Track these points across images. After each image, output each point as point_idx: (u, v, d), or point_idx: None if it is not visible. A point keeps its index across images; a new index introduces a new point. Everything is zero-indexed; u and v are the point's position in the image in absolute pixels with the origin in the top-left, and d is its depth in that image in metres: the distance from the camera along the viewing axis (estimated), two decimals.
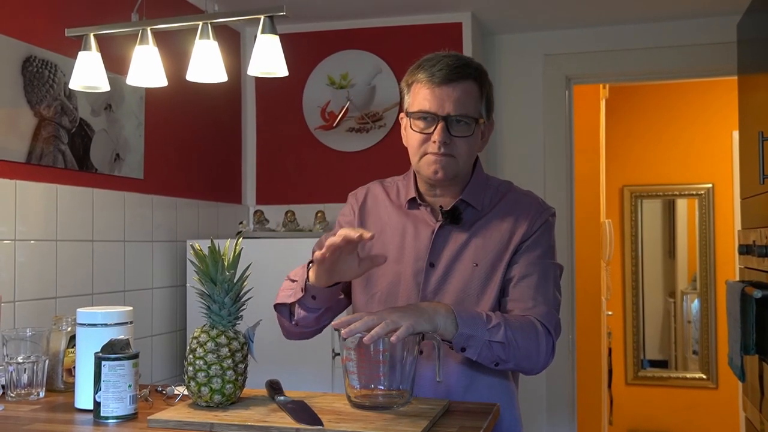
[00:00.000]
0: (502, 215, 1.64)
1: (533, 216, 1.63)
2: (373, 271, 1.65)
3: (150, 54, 1.97)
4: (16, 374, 1.68)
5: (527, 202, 1.67)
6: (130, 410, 1.45)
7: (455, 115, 1.56)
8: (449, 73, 1.56)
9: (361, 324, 1.36)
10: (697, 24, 3.42)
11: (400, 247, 1.65)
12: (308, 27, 3.45)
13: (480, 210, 1.64)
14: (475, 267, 1.60)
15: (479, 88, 1.60)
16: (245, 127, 3.52)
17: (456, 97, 1.56)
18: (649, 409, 5.27)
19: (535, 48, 3.61)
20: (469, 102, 1.58)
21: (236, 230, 3.29)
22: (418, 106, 1.58)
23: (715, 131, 5.15)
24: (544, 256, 1.62)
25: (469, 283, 1.59)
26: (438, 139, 1.55)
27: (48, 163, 2.26)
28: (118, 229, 2.59)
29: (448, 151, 1.56)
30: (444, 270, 1.60)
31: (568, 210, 3.62)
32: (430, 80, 1.56)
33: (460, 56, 1.61)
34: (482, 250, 1.60)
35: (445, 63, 1.57)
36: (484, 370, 1.58)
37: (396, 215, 1.69)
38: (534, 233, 1.62)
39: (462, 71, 1.57)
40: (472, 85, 1.58)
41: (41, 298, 2.21)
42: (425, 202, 1.67)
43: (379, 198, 1.74)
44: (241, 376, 1.48)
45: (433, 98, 1.56)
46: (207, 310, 1.49)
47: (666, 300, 5.43)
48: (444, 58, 1.59)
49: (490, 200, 1.66)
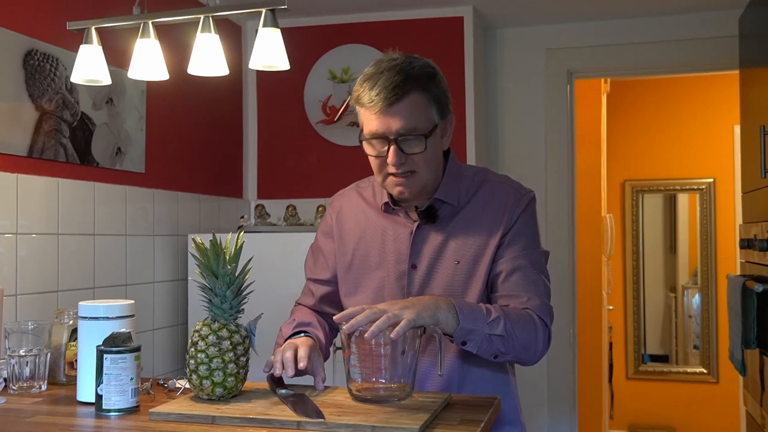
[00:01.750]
0: (480, 208, 1.62)
1: (511, 206, 1.61)
2: (358, 278, 1.68)
3: (151, 47, 1.96)
4: (18, 367, 1.68)
5: (504, 192, 1.64)
6: (132, 403, 1.46)
7: (405, 133, 1.52)
8: (388, 95, 1.51)
9: (362, 317, 1.37)
10: (698, 18, 3.41)
11: (381, 251, 1.65)
12: (309, 21, 3.44)
13: (456, 205, 1.63)
14: (456, 264, 1.59)
15: (425, 95, 1.55)
16: (246, 121, 3.52)
17: (401, 117, 1.52)
18: (649, 403, 5.28)
19: (537, 42, 3.60)
20: (416, 116, 1.53)
21: (237, 224, 3.30)
22: (367, 129, 1.56)
23: (716, 126, 5.14)
24: (528, 245, 1.61)
25: (452, 281, 1.59)
26: (392, 161, 1.53)
27: (49, 156, 2.27)
28: (120, 222, 2.59)
29: (406, 169, 1.55)
30: (426, 270, 1.61)
31: (569, 204, 3.62)
32: (372, 105, 1.52)
33: (399, 67, 1.54)
34: (463, 247, 1.60)
35: (383, 85, 1.51)
36: (477, 362, 1.58)
37: (374, 218, 1.69)
38: (514, 224, 1.60)
39: (401, 89, 1.51)
40: (416, 96, 1.53)
41: (43, 292, 2.21)
42: (399, 205, 1.66)
43: (355, 203, 1.74)
44: (242, 369, 1.48)
45: (379, 122, 1.53)
46: (209, 303, 1.49)
47: (667, 294, 5.43)
48: (381, 75, 1.53)
49: (466, 192, 1.64)
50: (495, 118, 3.63)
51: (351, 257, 1.69)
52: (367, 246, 1.67)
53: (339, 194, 1.80)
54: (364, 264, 1.67)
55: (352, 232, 1.71)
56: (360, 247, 1.68)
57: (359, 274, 1.68)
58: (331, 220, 1.76)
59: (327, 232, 1.76)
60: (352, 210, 1.73)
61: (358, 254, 1.68)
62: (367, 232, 1.68)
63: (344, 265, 1.71)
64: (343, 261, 1.71)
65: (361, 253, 1.68)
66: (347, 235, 1.71)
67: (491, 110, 3.63)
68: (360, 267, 1.68)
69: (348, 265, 1.70)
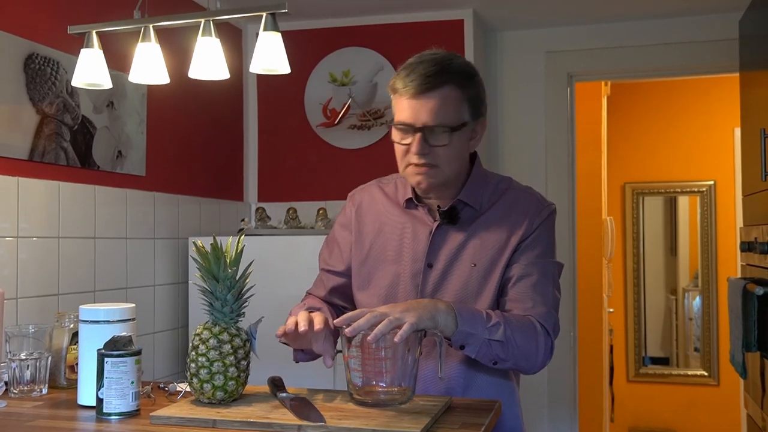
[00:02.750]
0: (501, 214, 1.63)
1: (532, 214, 1.62)
2: (372, 272, 1.67)
3: (152, 51, 1.97)
4: (18, 371, 1.68)
5: (526, 200, 1.65)
6: (132, 407, 1.46)
7: (432, 126, 1.53)
8: (423, 82, 1.52)
9: (364, 321, 1.37)
10: (698, 21, 3.41)
11: (399, 247, 1.65)
12: (310, 24, 3.45)
13: (478, 209, 1.63)
14: (473, 267, 1.59)
15: (460, 91, 1.55)
16: (247, 125, 3.52)
17: (431, 107, 1.52)
18: (650, 406, 5.28)
19: (537, 45, 3.61)
20: (447, 109, 1.53)
21: (238, 227, 3.29)
22: (397, 117, 1.58)
23: (716, 128, 5.14)
24: (543, 255, 1.61)
25: (468, 283, 1.59)
26: (415, 150, 1.54)
27: (50, 160, 2.27)
28: (120, 226, 2.59)
29: (428, 161, 1.55)
30: (442, 270, 1.60)
31: (569, 207, 3.62)
32: (405, 91, 1.54)
33: (439, 60, 1.55)
34: (480, 250, 1.60)
35: (419, 72, 1.53)
36: (483, 368, 1.58)
37: (394, 214, 1.69)
38: (533, 232, 1.61)
39: (437, 79, 1.52)
40: (450, 90, 1.54)
41: (44, 295, 2.22)
42: (422, 202, 1.66)
43: (376, 198, 1.74)
44: (243, 372, 1.48)
45: (409, 109, 1.54)
46: (209, 307, 1.49)
47: (667, 297, 5.43)
48: (420, 65, 1.54)
49: (489, 198, 1.65)
50: (495, 121, 3.63)
51: (367, 251, 1.69)
52: (385, 241, 1.67)
53: (360, 189, 1.80)
54: (380, 258, 1.67)
55: (371, 226, 1.70)
56: (378, 242, 1.68)
57: (374, 267, 1.67)
58: (351, 213, 1.75)
59: (345, 224, 1.76)
60: (373, 204, 1.73)
61: (375, 248, 1.68)
62: (386, 227, 1.68)
63: (360, 258, 1.70)
64: (359, 254, 1.70)
65: (378, 247, 1.67)
66: (366, 229, 1.71)
67: (491, 113, 3.63)
68: (375, 261, 1.67)
69: (363, 259, 1.69)
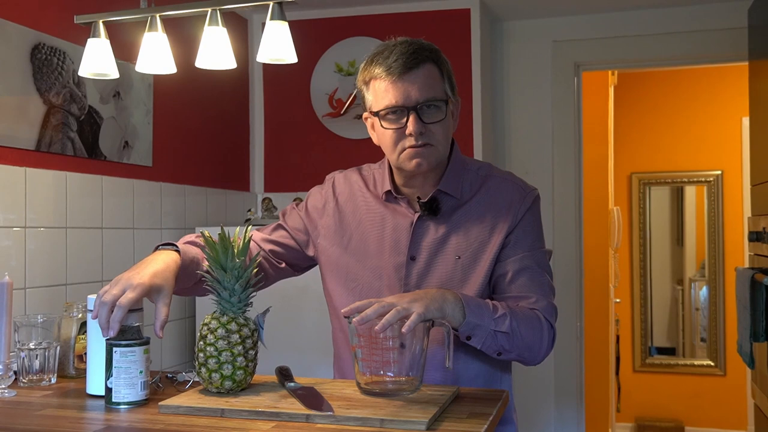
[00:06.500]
0: (484, 204, 1.60)
1: (517, 204, 1.60)
2: (352, 264, 1.64)
3: (159, 41, 1.96)
4: (27, 360, 1.69)
5: (508, 189, 1.62)
6: (141, 396, 1.46)
7: (424, 101, 1.51)
8: (406, 60, 1.51)
9: (372, 311, 1.36)
10: (707, 9, 3.39)
11: (380, 240, 1.62)
12: (316, 14, 3.44)
13: (459, 198, 1.61)
14: (457, 260, 1.58)
15: (439, 68, 1.55)
16: (253, 115, 3.52)
17: (420, 84, 1.51)
18: (656, 396, 5.28)
19: (544, 34, 3.59)
20: (434, 84, 1.53)
21: (244, 217, 3.30)
22: (383, 103, 1.53)
23: (724, 118, 5.12)
24: (533, 245, 1.60)
25: (452, 275, 1.58)
26: (413, 130, 1.51)
27: (57, 150, 2.27)
28: (127, 216, 2.60)
29: (425, 140, 1.53)
30: (425, 263, 1.59)
31: (576, 197, 3.61)
32: (389, 73, 1.51)
33: (410, 41, 1.55)
34: (464, 242, 1.58)
35: (399, 51, 1.52)
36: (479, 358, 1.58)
37: (374, 206, 1.66)
38: (519, 222, 1.59)
39: (418, 55, 1.52)
40: (431, 67, 1.54)
41: (52, 285, 2.22)
42: (402, 194, 1.64)
43: (357, 187, 1.70)
44: (251, 362, 1.48)
45: (397, 91, 1.51)
46: (217, 296, 1.50)
47: (674, 287, 5.42)
48: (395, 47, 1.54)
49: (470, 186, 1.62)
50: (502, 111, 3.62)
51: (347, 243, 1.65)
52: (366, 233, 1.64)
53: (341, 174, 1.76)
54: (362, 251, 1.64)
55: (351, 216, 1.67)
56: (357, 234, 1.65)
57: (355, 260, 1.64)
58: (328, 199, 1.71)
59: (317, 207, 1.71)
60: (353, 194, 1.70)
61: (355, 241, 1.65)
62: (366, 220, 1.65)
63: (340, 248, 1.66)
64: (339, 243, 1.67)
65: (358, 239, 1.65)
66: (346, 219, 1.68)
67: (498, 103, 3.63)
68: (356, 254, 1.64)
69: (343, 251, 1.66)
